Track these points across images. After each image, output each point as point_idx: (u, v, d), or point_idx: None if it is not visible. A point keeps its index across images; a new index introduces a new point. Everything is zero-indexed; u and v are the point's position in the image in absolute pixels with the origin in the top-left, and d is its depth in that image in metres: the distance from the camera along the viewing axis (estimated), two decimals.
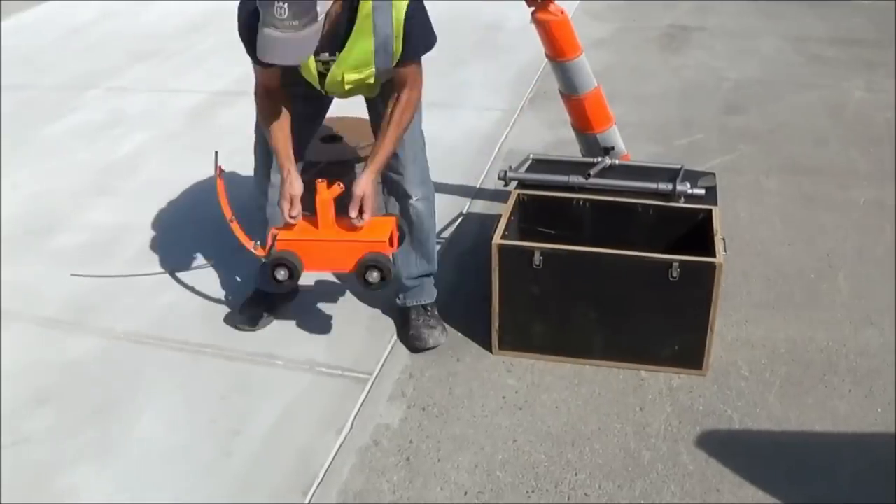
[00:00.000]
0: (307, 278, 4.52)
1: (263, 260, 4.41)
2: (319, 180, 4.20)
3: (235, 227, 4.40)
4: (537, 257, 4.27)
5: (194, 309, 5.02)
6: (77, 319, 5.00)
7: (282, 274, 4.17)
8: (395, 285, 4.66)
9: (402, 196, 4.58)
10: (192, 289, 5.07)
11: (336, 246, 4.22)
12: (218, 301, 5.03)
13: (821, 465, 3.93)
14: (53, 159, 6.86)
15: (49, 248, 5.70)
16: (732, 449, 4.02)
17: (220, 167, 4.39)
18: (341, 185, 4.24)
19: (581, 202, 4.73)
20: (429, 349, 4.69)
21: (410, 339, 4.73)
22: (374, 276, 4.15)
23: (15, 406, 4.38)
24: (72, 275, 5.25)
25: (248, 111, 4.56)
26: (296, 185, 4.14)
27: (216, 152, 4.45)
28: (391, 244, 4.27)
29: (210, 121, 7.18)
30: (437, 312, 4.85)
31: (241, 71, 4.73)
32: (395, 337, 4.78)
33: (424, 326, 4.74)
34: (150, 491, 3.89)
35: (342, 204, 4.12)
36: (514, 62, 8.65)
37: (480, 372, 4.50)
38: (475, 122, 7.40)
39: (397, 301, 4.82)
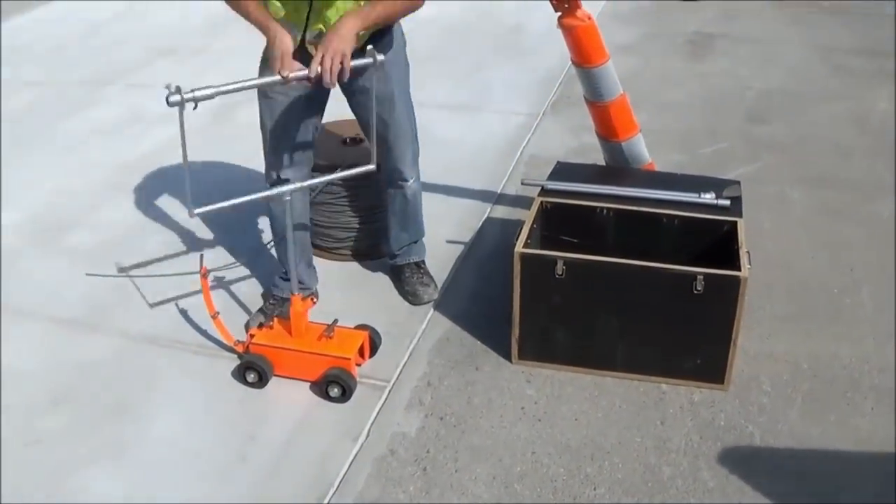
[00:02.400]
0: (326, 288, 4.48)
1: (239, 357, 4.58)
2: (296, 295, 4.39)
3: (218, 323, 4.56)
4: (560, 267, 4.23)
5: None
6: (93, 319, 4.98)
7: (251, 377, 4.44)
8: (386, 249, 5.21)
9: (397, 178, 4.79)
10: (210, 290, 5.03)
11: (304, 357, 4.42)
12: (237, 303, 4.99)
13: (843, 484, 3.88)
14: (72, 156, 6.84)
15: (66, 247, 5.67)
16: (753, 466, 3.96)
17: (204, 267, 4.51)
18: (314, 299, 4.60)
19: (605, 211, 4.68)
20: (423, 304, 5.03)
21: (406, 296, 5.11)
22: (334, 391, 4.33)
23: (30, 406, 4.36)
24: (87, 274, 5.21)
25: None
26: (285, 41, 4.01)
27: (201, 255, 4.65)
28: (361, 356, 4.53)
29: (229, 119, 7.13)
30: (427, 269, 5.20)
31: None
32: (413, 344, 4.73)
33: (419, 283, 5.10)
34: (164, 493, 3.87)
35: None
36: (537, 66, 8.61)
37: (499, 381, 4.45)
38: (497, 126, 7.35)
39: (389, 261, 5.12)
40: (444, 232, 5.63)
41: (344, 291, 5.07)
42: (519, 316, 4.43)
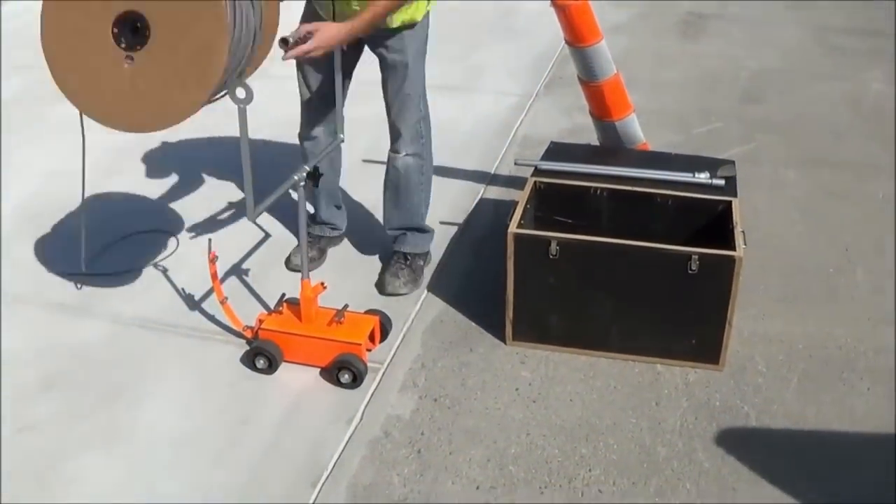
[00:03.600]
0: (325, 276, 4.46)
1: (248, 342, 4.59)
2: (306, 280, 4.40)
3: (227, 308, 4.53)
4: (554, 247, 4.21)
5: (204, 294, 4.97)
6: (85, 304, 4.96)
7: (261, 363, 4.42)
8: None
9: (391, 148, 4.89)
10: (202, 274, 5.01)
11: (314, 342, 4.40)
12: (229, 286, 4.96)
13: (838, 464, 3.88)
14: (66, 139, 6.80)
15: (59, 231, 5.64)
16: (749, 446, 3.96)
17: (213, 252, 4.46)
18: (324, 284, 4.49)
19: (599, 191, 4.66)
20: (386, 295, 4.98)
21: (378, 284, 5.08)
22: (345, 377, 4.30)
23: (21, 392, 4.34)
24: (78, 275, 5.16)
25: (267, 89, 4.57)
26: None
27: (209, 239, 4.55)
28: (372, 341, 4.50)
29: (228, 100, 7.10)
30: (419, 264, 5.14)
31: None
32: (407, 326, 4.73)
33: (390, 274, 5.05)
34: (157, 479, 3.85)
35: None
36: (530, 46, 8.60)
37: (493, 363, 4.44)
38: (490, 107, 7.35)
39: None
40: (437, 213, 5.60)
41: (338, 273, 5.04)
42: (513, 297, 4.41)
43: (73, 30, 3.69)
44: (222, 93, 3.85)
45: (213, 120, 4.81)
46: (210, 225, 5.56)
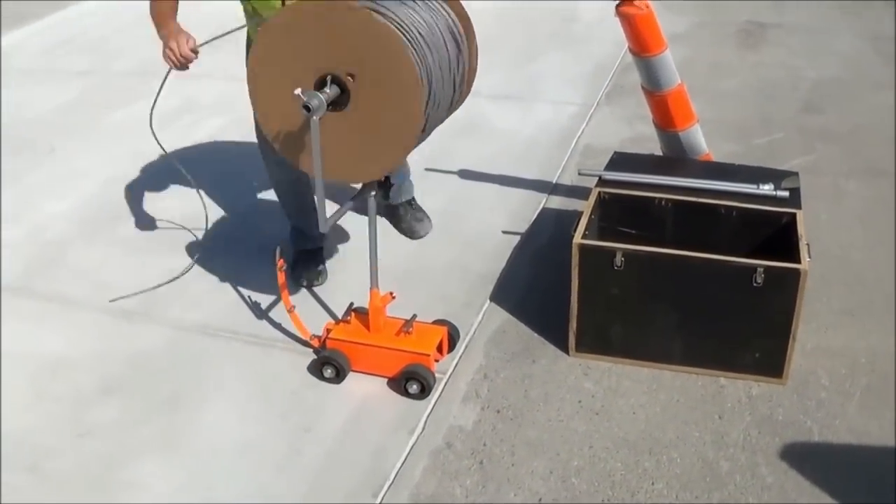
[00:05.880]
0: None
1: (316, 351, 4.60)
2: (375, 290, 4.39)
3: (294, 317, 4.55)
4: (619, 258, 4.19)
5: (266, 302, 4.98)
6: (145, 309, 4.98)
7: (328, 372, 4.43)
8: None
9: None
10: (264, 281, 5.02)
11: (382, 352, 4.40)
12: (291, 294, 4.97)
13: None
14: (123, 146, 6.84)
15: (118, 237, 5.68)
16: (812, 461, 3.91)
17: (281, 260, 4.47)
18: (393, 294, 4.51)
19: (663, 202, 4.64)
20: (420, 238, 5.54)
21: (405, 232, 5.59)
22: (413, 387, 4.29)
23: (81, 397, 4.37)
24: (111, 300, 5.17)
25: None
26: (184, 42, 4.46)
27: (277, 248, 4.50)
28: (440, 352, 4.49)
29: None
30: (419, 205, 5.66)
31: None
32: (469, 336, 4.71)
33: (414, 220, 5.60)
34: (217, 486, 3.86)
35: None
36: (591, 55, 8.57)
37: (556, 374, 4.42)
38: (551, 115, 7.30)
39: (383, 200, 5.24)
40: (499, 222, 5.62)
41: (399, 284, 5.04)
42: (577, 308, 4.39)
43: (278, 80, 3.81)
44: None
45: None
46: (260, 232, 5.63)
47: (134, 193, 6.16)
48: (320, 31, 3.64)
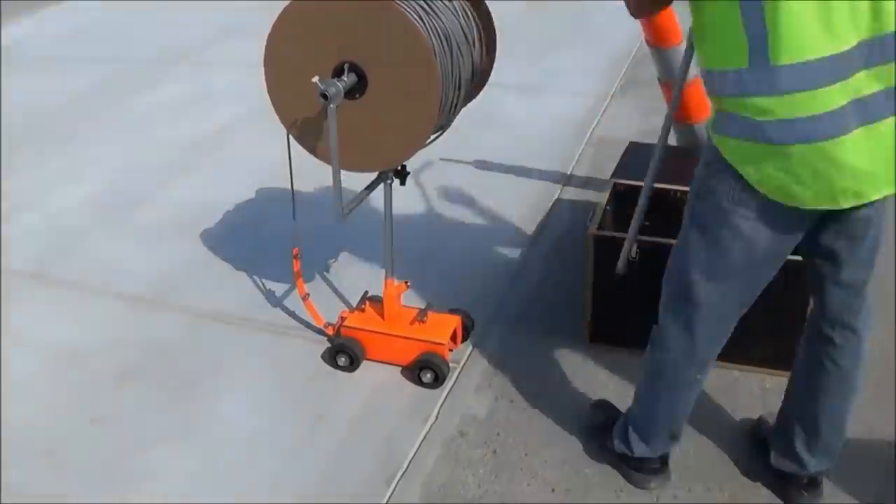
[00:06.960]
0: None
1: (330, 339, 4.61)
2: (389, 279, 4.40)
3: (309, 304, 4.57)
4: (633, 250, 4.18)
5: (281, 290, 4.99)
6: (161, 297, 5.00)
7: (342, 360, 4.44)
8: None
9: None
10: (278, 269, 5.02)
11: (397, 341, 4.41)
12: (305, 282, 4.98)
13: None
14: (139, 134, 6.85)
15: (134, 224, 5.69)
16: None
17: (296, 249, 4.49)
18: (408, 283, 4.54)
19: (678, 193, 4.62)
20: None
21: None
22: (427, 376, 4.29)
23: (96, 384, 4.38)
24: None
25: None
26: None
27: (293, 235, 4.51)
28: (454, 341, 4.48)
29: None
30: None
31: None
32: (484, 326, 4.70)
33: None
34: (231, 474, 3.87)
35: None
36: (605, 48, 8.57)
37: (570, 365, 4.42)
38: (566, 107, 7.31)
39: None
40: (514, 213, 5.62)
41: (414, 273, 5.04)
42: (591, 299, 4.40)
43: (295, 67, 3.82)
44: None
45: None
46: (273, 219, 5.63)
47: (149, 181, 6.17)
48: (339, 18, 3.64)
